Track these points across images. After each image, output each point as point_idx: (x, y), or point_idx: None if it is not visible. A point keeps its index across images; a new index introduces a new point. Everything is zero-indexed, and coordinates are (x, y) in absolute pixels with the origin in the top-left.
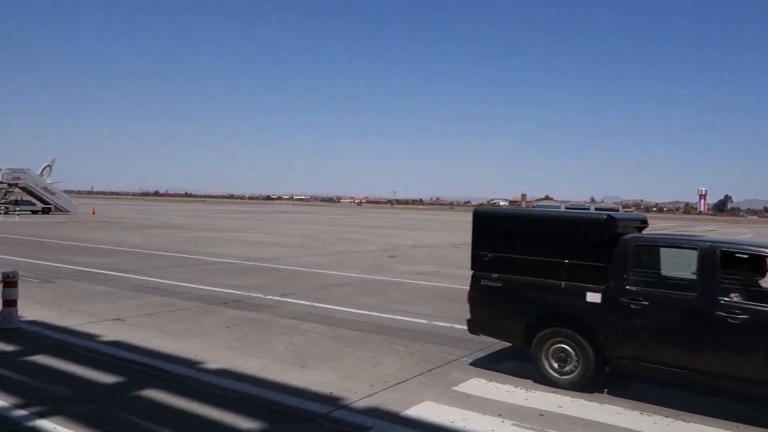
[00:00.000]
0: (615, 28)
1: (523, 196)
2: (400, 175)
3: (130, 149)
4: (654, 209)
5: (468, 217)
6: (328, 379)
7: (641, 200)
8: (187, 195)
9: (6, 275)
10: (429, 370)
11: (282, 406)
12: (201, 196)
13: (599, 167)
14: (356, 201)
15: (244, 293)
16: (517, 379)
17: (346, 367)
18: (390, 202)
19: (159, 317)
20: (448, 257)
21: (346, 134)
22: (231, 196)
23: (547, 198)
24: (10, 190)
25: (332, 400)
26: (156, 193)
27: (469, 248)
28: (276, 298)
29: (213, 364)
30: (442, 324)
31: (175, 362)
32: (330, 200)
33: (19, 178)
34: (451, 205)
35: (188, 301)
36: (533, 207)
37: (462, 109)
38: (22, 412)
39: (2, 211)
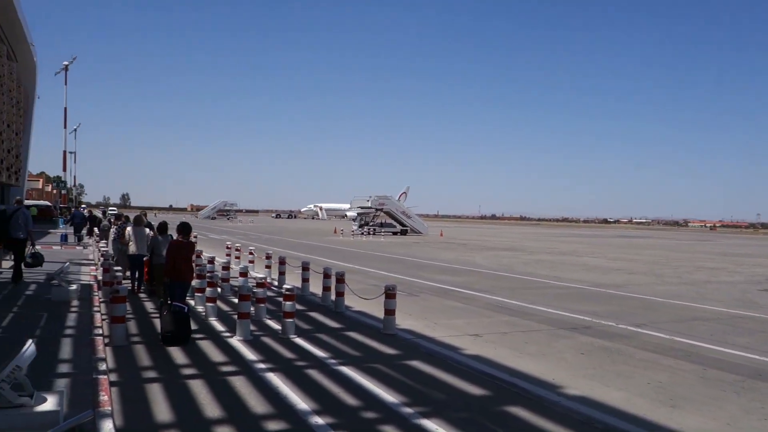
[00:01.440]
0: None
1: None
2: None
3: (470, 175)
4: None
5: None
6: (708, 426)
7: None
8: (521, 218)
9: (387, 288)
10: None
11: None
12: (535, 220)
13: None
14: (708, 225)
15: (594, 320)
16: None
17: (726, 414)
18: (753, 226)
19: (512, 336)
20: None
21: (693, 151)
22: (565, 220)
23: None
24: (377, 213)
25: None
26: (493, 216)
27: None
28: (630, 327)
29: (572, 390)
30: None
31: (534, 383)
32: (675, 224)
33: (383, 204)
34: None
35: (538, 323)
36: None
37: None
38: (408, 410)
39: (371, 232)
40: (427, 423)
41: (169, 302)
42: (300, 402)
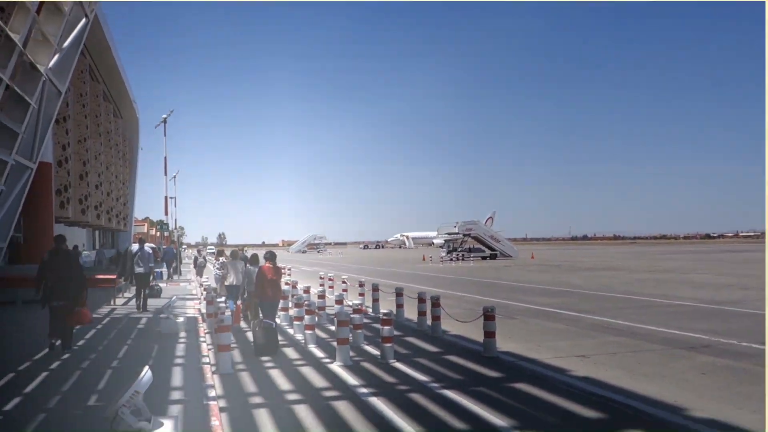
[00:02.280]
0: None
1: None
2: None
3: (559, 197)
4: None
5: None
6: None
7: None
8: (615, 237)
9: (486, 310)
10: None
11: None
12: (631, 238)
13: None
14: None
15: (712, 338)
16: None
17: None
18: None
19: (623, 357)
20: None
21: None
22: (663, 237)
23: None
24: (465, 239)
25: None
26: (584, 237)
27: None
28: (755, 345)
29: (699, 413)
30: None
31: (654, 405)
32: None
33: (471, 229)
34: None
35: (650, 343)
36: None
37: None
38: None
39: (460, 258)
40: None
41: (259, 320)
42: (406, 426)
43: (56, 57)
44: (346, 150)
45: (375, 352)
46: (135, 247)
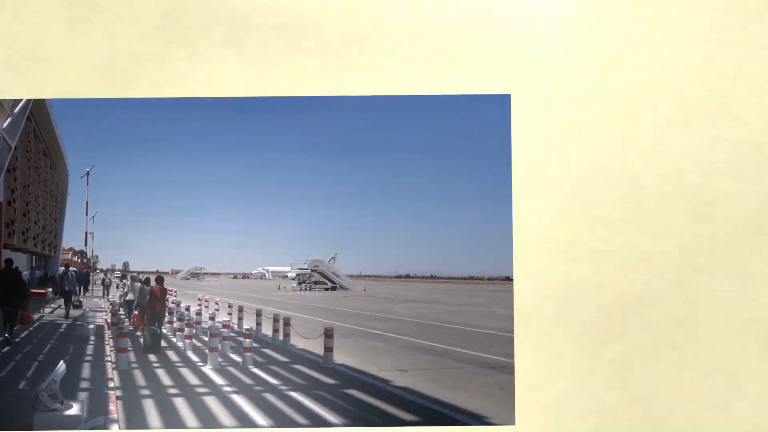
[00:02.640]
0: None
1: None
2: None
3: (387, 237)
4: None
5: None
6: None
7: None
8: (432, 277)
9: (326, 330)
10: None
11: None
12: (445, 278)
13: None
14: None
15: (509, 360)
16: None
17: None
18: None
19: (435, 372)
20: None
21: None
22: (471, 277)
23: None
24: (312, 274)
25: None
26: (407, 276)
27: None
28: None
29: (496, 420)
30: None
31: (459, 412)
32: None
33: (317, 266)
34: None
35: (458, 362)
36: None
37: None
38: (352, 430)
39: (307, 289)
40: None
41: (148, 326)
42: (260, 419)
43: (8, 120)
44: (213, 196)
45: (238, 359)
46: (62, 269)
